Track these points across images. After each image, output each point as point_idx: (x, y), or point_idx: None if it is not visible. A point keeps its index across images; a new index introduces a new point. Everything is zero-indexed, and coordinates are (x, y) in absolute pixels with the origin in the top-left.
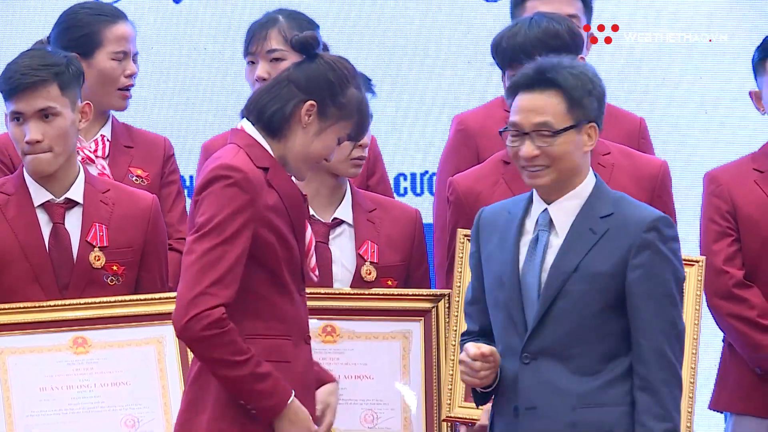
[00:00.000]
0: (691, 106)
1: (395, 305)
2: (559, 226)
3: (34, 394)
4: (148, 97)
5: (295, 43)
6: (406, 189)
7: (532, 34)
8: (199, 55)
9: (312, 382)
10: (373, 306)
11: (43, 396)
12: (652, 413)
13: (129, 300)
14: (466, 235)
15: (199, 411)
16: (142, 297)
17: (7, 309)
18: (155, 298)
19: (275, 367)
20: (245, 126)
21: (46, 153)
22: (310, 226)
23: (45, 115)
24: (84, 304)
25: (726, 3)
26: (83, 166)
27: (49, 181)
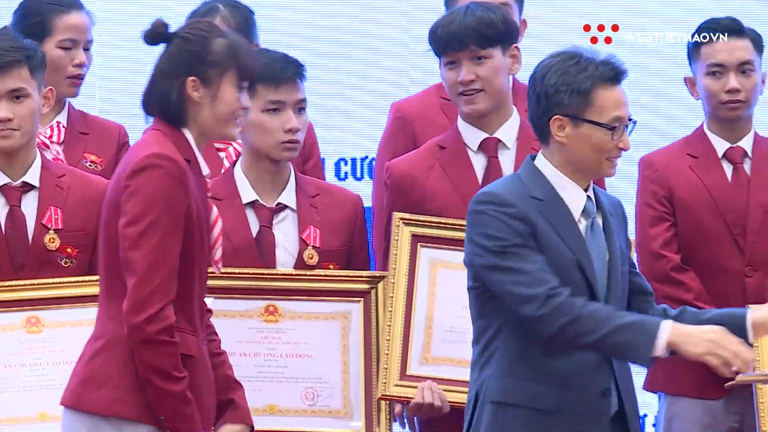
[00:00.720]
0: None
1: (335, 286)
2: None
3: None
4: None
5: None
6: (346, 173)
7: (467, 22)
8: None
9: (211, 373)
10: (314, 287)
11: None
12: None
13: (82, 281)
14: (402, 219)
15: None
16: (95, 278)
17: None
18: None
19: (182, 360)
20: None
21: (14, 131)
22: (220, 219)
23: (16, 96)
24: (37, 284)
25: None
26: (39, 151)
27: (7, 165)
